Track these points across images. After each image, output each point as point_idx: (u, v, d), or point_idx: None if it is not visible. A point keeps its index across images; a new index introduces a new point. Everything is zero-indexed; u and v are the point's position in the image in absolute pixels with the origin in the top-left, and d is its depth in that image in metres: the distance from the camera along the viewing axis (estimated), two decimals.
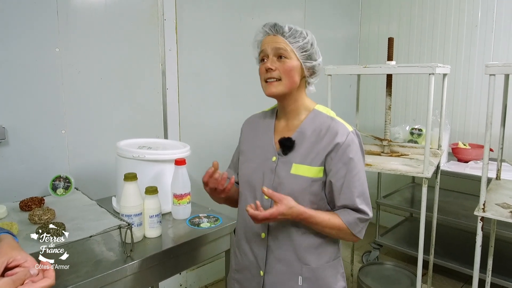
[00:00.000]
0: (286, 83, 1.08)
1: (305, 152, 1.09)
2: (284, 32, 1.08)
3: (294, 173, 1.08)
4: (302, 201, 1.07)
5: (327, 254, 1.13)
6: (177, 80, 2.21)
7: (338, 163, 1.06)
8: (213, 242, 1.49)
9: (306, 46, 1.09)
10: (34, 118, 1.72)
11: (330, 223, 1.06)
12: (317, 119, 1.12)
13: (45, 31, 1.71)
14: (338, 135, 1.07)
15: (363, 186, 1.08)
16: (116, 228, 1.21)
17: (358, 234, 1.08)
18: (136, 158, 1.50)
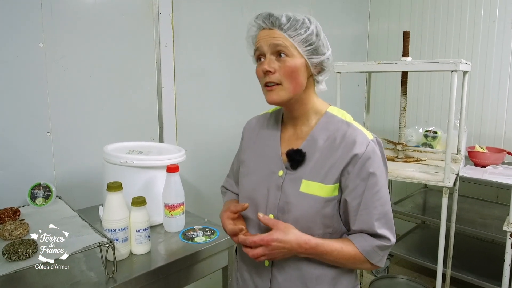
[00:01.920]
0: (289, 87, 0.90)
1: (317, 166, 0.91)
2: (281, 24, 0.89)
3: (304, 192, 0.91)
4: (313, 225, 0.90)
5: (343, 283, 0.96)
6: (174, 78, 2.05)
7: (355, 179, 0.88)
8: (208, 259, 1.34)
9: (310, 39, 0.90)
10: (16, 120, 1.57)
11: (342, 252, 0.88)
12: (331, 125, 0.94)
13: (27, 24, 1.56)
14: (356, 145, 0.89)
15: (385, 207, 0.90)
16: (96, 247, 1.06)
17: (378, 263, 0.91)
18: (123, 164, 1.35)
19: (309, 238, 0.87)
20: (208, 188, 2.23)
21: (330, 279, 0.94)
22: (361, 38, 3.41)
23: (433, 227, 3.00)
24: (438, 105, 2.96)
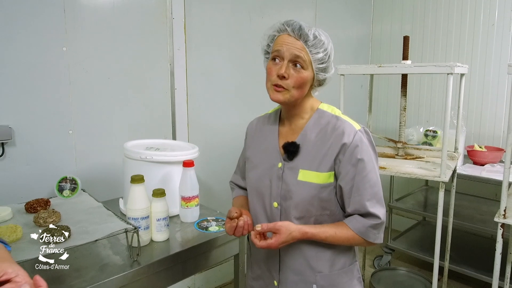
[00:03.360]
0: (294, 93, 1.01)
1: (312, 156, 1.03)
2: (308, 40, 0.98)
3: (302, 180, 1.02)
4: (312, 208, 1.02)
5: (340, 261, 1.08)
6: (186, 80, 2.17)
7: (346, 165, 1.00)
8: (222, 246, 1.45)
9: (324, 59, 1.02)
10: (41, 118, 1.69)
11: (337, 237, 1.01)
12: (322, 119, 1.06)
13: (52, 30, 1.68)
14: (344, 135, 1.00)
15: (374, 188, 1.01)
16: (122, 232, 1.18)
17: (375, 240, 1.02)
18: (143, 160, 1.47)
19: (306, 230, 1.00)
20: (218, 184, 2.34)
21: (328, 256, 1.06)
22: (365, 40, 3.50)
23: (433, 223, 3.08)
24: (439, 105, 3.05)
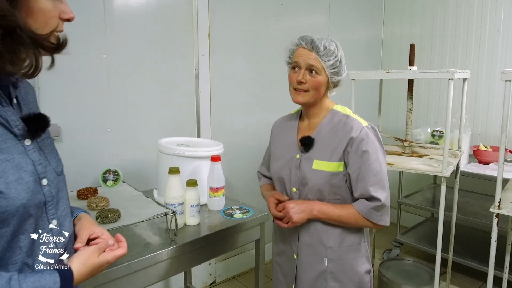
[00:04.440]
0: (313, 94, 1.21)
1: (324, 148, 1.22)
2: (319, 51, 1.19)
3: (316, 168, 1.22)
4: (325, 193, 1.21)
5: (350, 239, 1.26)
6: (209, 83, 2.37)
7: (353, 156, 1.18)
8: (245, 231, 1.64)
9: (335, 64, 1.21)
10: (84, 118, 1.91)
11: (343, 216, 1.19)
12: (335, 118, 1.25)
13: (94, 39, 1.90)
14: (352, 130, 1.19)
15: (377, 176, 1.18)
16: (163, 215, 1.38)
17: (380, 222, 1.19)
18: (176, 155, 1.67)
19: (314, 204, 1.21)
20: (239, 179, 2.53)
21: (338, 234, 1.25)
22: (376, 44, 3.66)
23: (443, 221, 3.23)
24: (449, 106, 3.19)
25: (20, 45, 0.65)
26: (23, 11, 0.64)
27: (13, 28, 0.62)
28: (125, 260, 1.25)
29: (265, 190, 1.42)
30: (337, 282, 1.24)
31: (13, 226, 0.67)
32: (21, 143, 0.72)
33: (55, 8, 0.69)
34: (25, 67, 0.67)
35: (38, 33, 0.67)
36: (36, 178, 0.72)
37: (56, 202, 0.78)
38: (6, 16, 0.61)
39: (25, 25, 0.64)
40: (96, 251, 0.80)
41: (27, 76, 0.69)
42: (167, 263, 1.37)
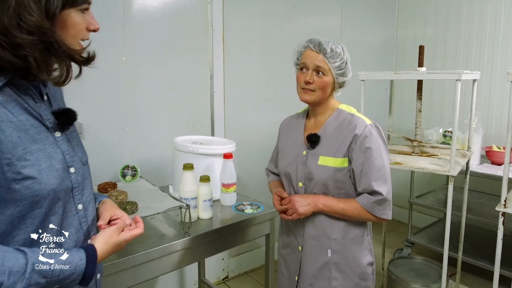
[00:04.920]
0: (319, 94, 1.28)
1: (330, 145, 1.28)
2: (326, 53, 1.25)
3: (321, 164, 1.28)
4: (329, 187, 1.28)
5: (353, 232, 1.31)
6: (223, 84, 2.45)
7: (357, 152, 1.24)
8: (255, 226, 1.71)
9: (341, 66, 1.27)
10: (104, 117, 2.02)
11: (347, 209, 1.25)
12: (340, 116, 1.31)
13: (114, 43, 2.01)
14: (356, 128, 1.25)
15: (380, 171, 1.23)
16: (177, 208, 1.47)
17: (382, 215, 1.25)
18: (191, 152, 1.75)
19: (319, 198, 1.28)
20: (250, 176, 2.61)
21: (342, 227, 1.30)
22: (389, 45, 3.67)
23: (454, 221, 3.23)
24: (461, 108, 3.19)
25: (55, 57, 0.75)
26: (59, 25, 0.74)
27: (51, 43, 0.72)
28: (142, 249, 1.34)
29: (273, 187, 1.49)
30: (340, 272, 1.30)
31: (45, 208, 0.76)
32: (52, 135, 0.82)
33: (84, 21, 0.79)
34: (56, 76, 0.77)
35: (72, 48, 0.77)
36: (65, 166, 0.81)
37: (82, 188, 0.87)
38: (46, 33, 0.71)
39: (61, 41, 0.74)
40: (116, 231, 0.88)
41: (58, 84, 0.79)
42: (180, 253, 1.45)
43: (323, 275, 1.32)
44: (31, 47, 0.70)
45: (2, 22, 0.68)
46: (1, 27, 0.68)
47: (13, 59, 0.70)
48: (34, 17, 0.69)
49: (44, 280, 0.71)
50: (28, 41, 0.70)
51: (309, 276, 1.34)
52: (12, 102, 0.75)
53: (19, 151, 0.73)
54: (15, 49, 0.70)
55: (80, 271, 0.75)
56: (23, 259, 0.70)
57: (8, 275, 0.67)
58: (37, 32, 0.70)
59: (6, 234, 0.74)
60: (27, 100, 0.78)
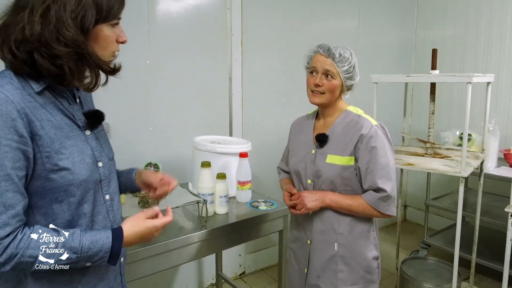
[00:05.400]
0: (328, 96, 1.36)
1: (337, 144, 1.36)
2: (335, 57, 1.33)
3: (329, 162, 1.36)
4: (337, 184, 1.35)
5: (359, 227, 1.38)
6: (241, 86, 2.55)
7: (363, 151, 1.31)
8: (269, 222, 1.79)
9: (349, 70, 1.35)
10: (129, 117, 2.15)
11: (353, 205, 1.32)
12: (347, 118, 1.39)
13: (140, 48, 2.14)
14: (362, 128, 1.32)
15: (385, 170, 1.30)
16: (195, 203, 1.57)
17: (386, 211, 1.31)
18: (209, 151, 1.86)
19: (326, 194, 1.35)
20: (266, 175, 2.69)
21: (348, 222, 1.38)
22: (408, 46, 3.67)
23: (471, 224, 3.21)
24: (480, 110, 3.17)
25: (87, 66, 0.87)
26: (92, 39, 0.85)
27: (84, 54, 0.83)
28: (162, 240, 1.45)
29: (284, 184, 1.57)
30: (346, 265, 1.37)
31: (78, 196, 0.88)
32: (83, 133, 0.93)
33: (114, 34, 0.90)
34: (87, 83, 0.89)
35: (101, 59, 0.88)
36: (94, 161, 0.92)
37: (108, 181, 0.98)
38: (80, 45, 0.82)
39: (93, 52, 0.85)
40: (143, 217, 0.97)
41: (88, 90, 0.91)
42: (198, 245, 1.55)
43: (330, 268, 1.39)
44: (67, 58, 0.82)
45: (43, 35, 0.79)
46: (43, 40, 0.80)
47: (52, 67, 0.82)
48: (71, 32, 0.81)
49: (75, 255, 0.82)
50: (64, 52, 0.81)
51: (317, 269, 1.42)
52: (50, 104, 0.87)
53: (56, 145, 0.84)
54: (53, 59, 0.81)
55: (107, 249, 0.86)
56: (56, 235, 0.81)
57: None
58: (72, 45, 0.81)
59: (46, 217, 0.85)
60: (62, 102, 0.90)
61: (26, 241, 0.79)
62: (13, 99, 0.79)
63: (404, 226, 3.93)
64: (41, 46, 0.80)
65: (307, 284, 1.46)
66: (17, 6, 0.81)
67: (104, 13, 0.86)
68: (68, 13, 0.80)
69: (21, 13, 0.79)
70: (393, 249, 2.86)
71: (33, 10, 0.79)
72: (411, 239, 3.44)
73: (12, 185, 0.78)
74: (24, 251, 0.78)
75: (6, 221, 0.77)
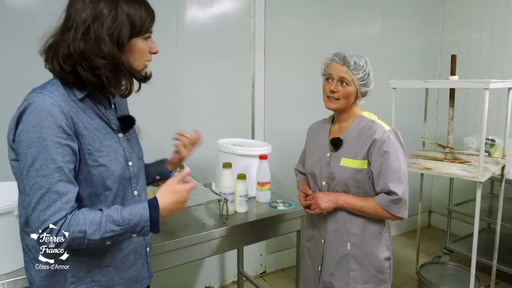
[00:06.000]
0: (343, 102, 1.43)
1: (351, 148, 1.43)
2: (350, 65, 1.40)
3: (343, 165, 1.43)
4: (350, 186, 1.42)
5: (371, 228, 1.44)
6: (263, 91, 2.65)
7: (376, 155, 1.37)
8: (287, 222, 1.88)
9: (364, 77, 1.42)
10: (158, 120, 2.30)
11: (365, 207, 1.38)
12: (362, 123, 1.45)
13: (168, 55, 2.28)
14: (375, 133, 1.38)
15: (396, 173, 1.35)
16: (216, 201, 1.68)
17: (398, 213, 1.36)
18: (231, 153, 1.96)
19: (340, 196, 1.42)
20: (286, 177, 2.76)
21: (360, 223, 1.44)
22: (433, 51, 3.64)
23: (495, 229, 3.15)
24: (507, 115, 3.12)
25: (122, 76, 0.99)
26: (127, 51, 0.98)
27: (119, 66, 0.96)
28: (186, 234, 1.57)
29: (300, 185, 1.65)
30: (358, 264, 1.43)
31: (113, 190, 1.00)
32: (116, 135, 1.06)
33: (147, 46, 1.02)
34: (122, 90, 1.01)
35: (134, 69, 1.01)
36: (125, 160, 1.05)
37: (137, 178, 1.10)
38: (116, 58, 0.95)
39: (127, 63, 0.98)
40: (174, 182, 1.05)
41: (122, 96, 1.04)
42: (218, 241, 1.66)
43: (342, 266, 1.46)
44: (104, 69, 0.95)
45: (85, 51, 0.92)
46: (84, 55, 0.93)
47: (92, 77, 0.95)
48: (107, 47, 0.93)
49: (119, 228, 0.93)
50: (102, 64, 0.94)
51: (330, 267, 1.49)
52: (89, 109, 1.00)
53: (97, 144, 0.97)
54: (93, 70, 0.94)
55: (146, 218, 0.96)
56: (100, 213, 0.93)
57: (89, 225, 0.90)
58: (109, 57, 0.94)
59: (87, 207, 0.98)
60: (99, 108, 1.03)
61: (75, 220, 0.90)
62: (60, 103, 0.92)
63: (428, 232, 3.90)
64: (83, 60, 0.93)
65: (320, 281, 1.54)
66: (64, 26, 0.95)
67: (137, 28, 0.98)
68: (105, 30, 0.93)
69: (67, 33, 0.93)
70: (415, 254, 2.87)
71: (76, 29, 0.92)
72: (435, 245, 3.41)
73: (64, 176, 0.91)
74: (74, 227, 0.89)
75: (61, 206, 0.89)
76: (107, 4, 0.94)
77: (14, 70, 1.90)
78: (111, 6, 0.94)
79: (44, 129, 0.89)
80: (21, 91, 1.02)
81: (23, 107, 0.91)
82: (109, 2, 0.94)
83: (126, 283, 1.08)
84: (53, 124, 0.89)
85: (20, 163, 0.92)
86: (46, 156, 0.89)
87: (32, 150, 0.89)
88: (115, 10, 0.94)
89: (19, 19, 1.89)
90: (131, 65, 0.99)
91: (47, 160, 0.89)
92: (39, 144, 0.89)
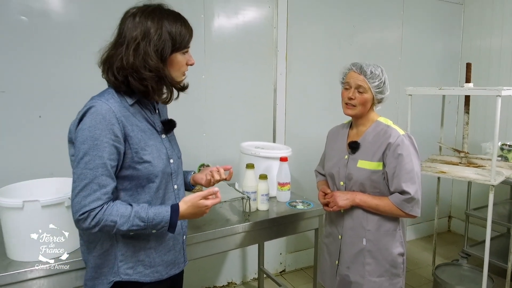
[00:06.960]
0: (360, 109, 1.55)
1: (367, 151, 1.54)
2: (366, 74, 1.52)
3: (360, 167, 1.55)
4: (366, 186, 1.53)
5: (386, 226, 1.55)
6: (285, 98, 2.79)
7: (390, 158, 1.48)
8: (305, 220, 2.00)
9: (380, 85, 1.53)
10: (185, 125, 2.45)
11: (380, 205, 1.50)
12: (378, 127, 1.57)
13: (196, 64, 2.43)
14: (390, 137, 1.50)
15: (409, 174, 1.46)
16: (240, 199, 1.83)
17: (411, 212, 1.47)
18: (253, 155, 2.11)
19: (356, 195, 1.54)
20: (306, 179, 2.89)
21: (376, 220, 1.55)
22: (454, 58, 3.69)
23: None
24: None
25: (164, 86, 1.15)
26: (168, 64, 1.14)
27: (162, 77, 1.12)
28: (211, 229, 1.72)
29: (320, 185, 1.78)
30: (373, 259, 1.55)
31: (156, 183, 1.16)
32: (160, 136, 1.22)
33: (184, 59, 1.19)
34: (164, 98, 1.18)
35: (175, 80, 1.17)
36: (167, 158, 1.21)
37: (177, 174, 1.26)
38: (160, 70, 1.12)
39: (169, 75, 1.14)
40: (199, 197, 1.19)
41: (164, 103, 1.22)
42: (241, 235, 1.80)
43: (358, 260, 1.57)
44: (150, 80, 1.11)
45: (135, 64, 1.09)
46: (134, 68, 1.09)
47: (140, 87, 1.11)
48: (153, 61, 1.10)
49: (143, 223, 1.09)
50: (149, 76, 1.11)
51: (346, 261, 1.61)
52: (138, 113, 1.17)
53: (142, 144, 1.14)
54: (141, 81, 1.11)
55: (167, 220, 1.12)
56: (130, 208, 1.09)
57: (120, 217, 1.06)
58: (154, 70, 1.11)
59: (132, 198, 1.15)
60: (146, 112, 1.20)
61: (109, 210, 1.06)
62: (114, 109, 1.09)
63: (447, 237, 3.92)
64: (134, 72, 1.10)
65: (338, 274, 1.65)
66: (117, 42, 1.12)
67: (177, 44, 1.15)
68: (152, 46, 1.10)
69: (120, 48, 1.10)
70: (429, 256, 2.93)
71: (128, 45, 1.09)
72: (453, 250, 3.45)
73: (106, 171, 1.07)
74: (107, 217, 1.05)
75: (99, 196, 1.06)
76: (154, 23, 1.10)
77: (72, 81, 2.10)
78: (157, 26, 1.10)
79: (97, 130, 1.06)
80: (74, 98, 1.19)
81: (84, 111, 1.08)
82: (155, 22, 1.10)
83: (165, 264, 1.24)
84: (105, 127, 1.06)
85: (74, 156, 1.09)
86: (95, 152, 1.05)
87: (84, 146, 1.06)
88: (160, 29, 1.10)
89: (65, 32, 2.10)
90: (171, 76, 1.16)
91: (95, 156, 1.05)
92: (91, 142, 1.06)
